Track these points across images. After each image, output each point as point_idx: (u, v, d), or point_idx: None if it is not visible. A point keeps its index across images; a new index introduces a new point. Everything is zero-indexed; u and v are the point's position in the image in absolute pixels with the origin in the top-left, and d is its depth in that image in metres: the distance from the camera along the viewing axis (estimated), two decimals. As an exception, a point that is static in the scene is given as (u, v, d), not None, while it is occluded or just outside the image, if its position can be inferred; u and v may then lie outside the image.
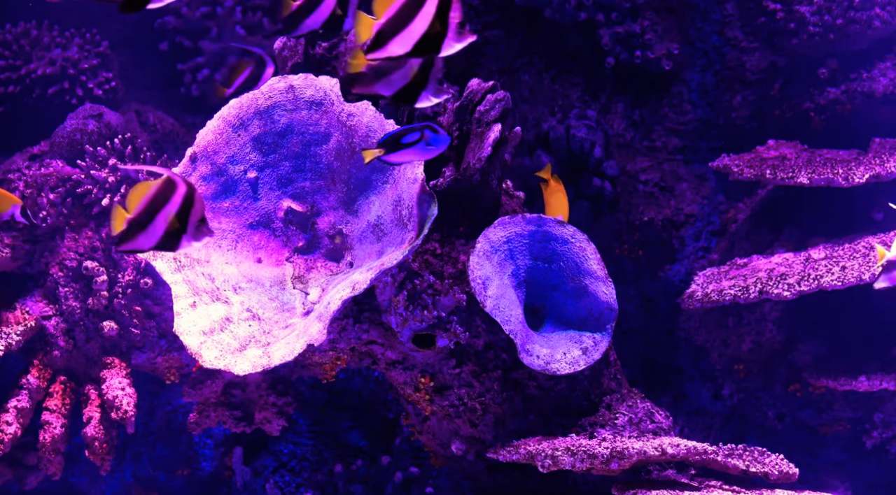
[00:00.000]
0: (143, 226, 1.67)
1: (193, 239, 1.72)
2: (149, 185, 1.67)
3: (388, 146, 1.92)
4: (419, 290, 2.16)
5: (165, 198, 1.67)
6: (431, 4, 1.62)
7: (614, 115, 3.01)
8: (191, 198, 1.68)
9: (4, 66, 2.78)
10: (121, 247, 1.69)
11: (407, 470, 2.53)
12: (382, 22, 1.63)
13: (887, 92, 2.80)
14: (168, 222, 1.68)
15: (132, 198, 1.68)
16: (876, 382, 2.50)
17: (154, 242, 1.69)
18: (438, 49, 1.65)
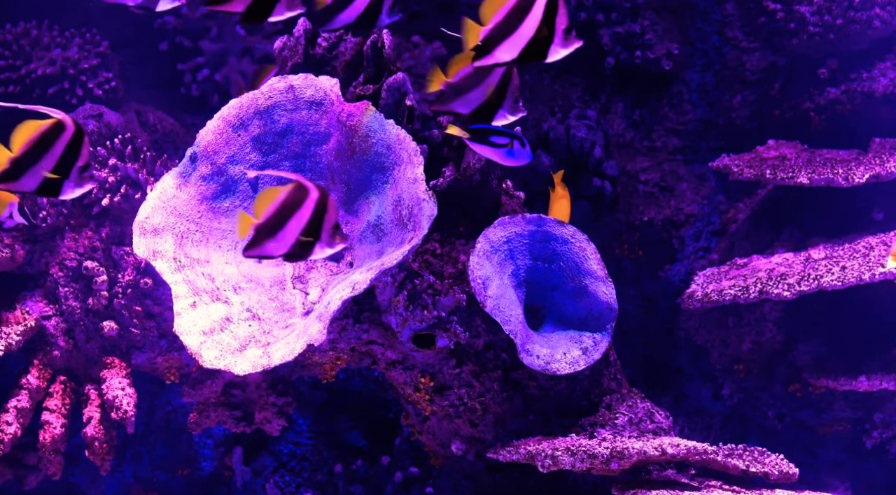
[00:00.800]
0: (272, 233, 1.64)
1: (328, 246, 1.68)
2: (277, 191, 1.64)
3: (476, 135, 1.97)
4: (419, 290, 2.16)
5: (296, 204, 1.64)
6: (538, 10, 1.62)
7: (614, 115, 3.02)
8: (324, 204, 1.64)
9: (4, 66, 2.78)
10: (247, 253, 1.66)
11: (407, 470, 2.53)
12: (489, 28, 1.63)
13: (887, 92, 2.80)
14: (300, 230, 1.65)
15: (260, 203, 1.65)
16: (876, 382, 2.50)
17: (285, 250, 1.66)
18: (545, 55, 1.65)
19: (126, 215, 2.48)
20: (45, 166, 1.67)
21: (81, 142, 1.67)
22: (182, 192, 2.24)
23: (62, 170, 1.68)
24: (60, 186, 1.69)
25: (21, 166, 1.67)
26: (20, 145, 1.66)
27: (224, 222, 2.26)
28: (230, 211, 2.27)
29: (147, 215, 2.20)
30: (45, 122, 1.66)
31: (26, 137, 1.66)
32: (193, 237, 2.23)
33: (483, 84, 1.79)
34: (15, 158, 1.66)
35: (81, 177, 1.70)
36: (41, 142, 1.66)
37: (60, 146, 1.66)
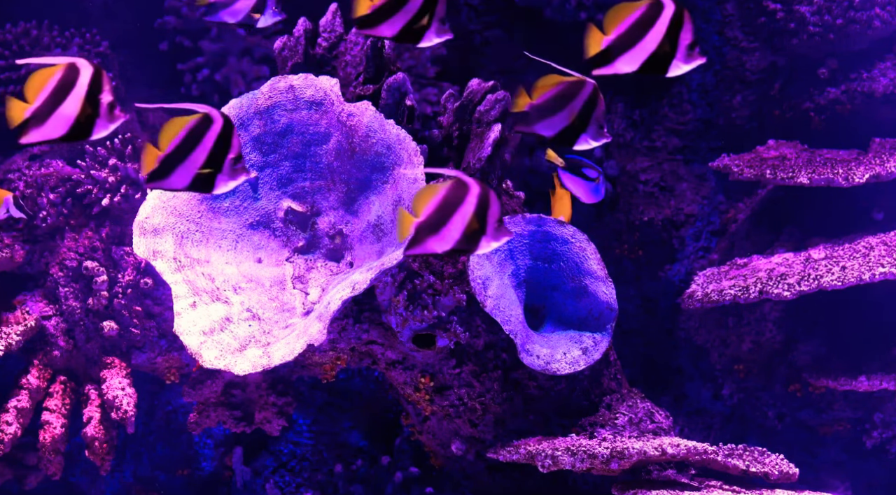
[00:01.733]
0: (434, 229, 1.63)
1: (493, 239, 1.65)
2: (436, 189, 1.61)
3: (571, 166, 2.09)
4: (419, 290, 2.16)
5: (458, 200, 1.62)
6: (663, 23, 1.60)
7: (614, 115, 3.02)
8: (486, 198, 1.62)
9: (4, 66, 2.78)
10: (409, 251, 1.64)
11: (407, 470, 2.53)
12: (612, 37, 1.62)
13: (887, 92, 2.80)
14: (464, 227, 1.63)
15: (420, 200, 1.62)
16: (876, 382, 2.50)
17: (450, 246, 1.64)
18: (665, 69, 1.64)
19: (126, 215, 2.48)
20: (196, 161, 1.63)
21: (231, 134, 1.63)
22: (182, 192, 2.24)
23: (214, 163, 1.64)
24: (214, 180, 1.65)
25: (171, 163, 1.63)
26: (168, 142, 1.63)
27: (224, 222, 2.26)
28: (230, 211, 2.27)
29: (147, 215, 2.20)
30: (191, 117, 1.63)
31: (174, 134, 1.63)
32: (193, 237, 2.23)
33: (567, 107, 1.79)
34: (164, 156, 1.63)
35: (234, 168, 1.65)
36: (190, 137, 1.63)
37: (210, 140, 1.63)
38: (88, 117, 1.62)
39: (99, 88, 1.61)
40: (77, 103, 1.62)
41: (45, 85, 1.63)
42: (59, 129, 1.64)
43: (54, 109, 1.62)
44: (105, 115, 1.63)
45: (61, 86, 1.62)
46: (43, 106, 1.63)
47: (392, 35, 1.73)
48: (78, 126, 1.62)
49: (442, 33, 1.75)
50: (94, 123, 1.63)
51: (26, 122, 1.64)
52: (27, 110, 1.63)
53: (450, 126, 2.29)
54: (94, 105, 1.62)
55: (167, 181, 1.65)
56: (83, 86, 1.61)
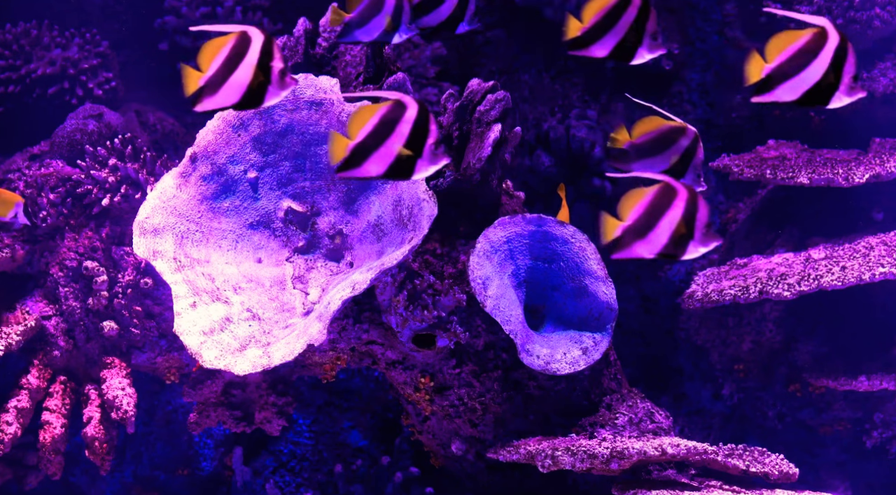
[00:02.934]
0: (640, 234, 1.61)
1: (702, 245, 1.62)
2: (643, 193, 1.60)
3: None
4: (419, 290, 2.16)
5: (666, 204, 1.61)
6: (828, 54, 1.58)
7: (614, 115, 3.02)
8: (695, 202, 1.60)
9: (4, 66, 2.78)
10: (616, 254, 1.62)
11: (407, 470, 2.53)
12: (774, 65, 1.60)
13: (887, 92, 2.80)
14: (673, 229, 1.61)
15: (626, 205, 1.61)
16: (876, 382, 2.50)
17: (656, 251, 1.63)
18: (827, 101, 1.62)
19: (126, 215, 2.48)
20: (392, 147, 1.61)
21: (427, 118, 1.61)
22: (182, 192, 2.24)
23: (413, 148, 1.62)
24: (413, 165, 1.63)
25: (365, 151, 1.61)
26: (358, 130, 1.61)
27: (224, 222, 2.26)
28: (230, 211, 2.27)
29: (147, 215, 2.20)
30: (381, 104, 1.61)
31: (365, 122, 1.61)
32: (193, 237, 2.23)
33: (668, 151, 1.80)
34: (357, 144, 1.61)
35: (435, 153, 1.63)
36: (384, 124, 1.61)
37: (406, 125, 1.61)
38: (260, 84, 1.63)
39: (270, 56, 1.62)
40: (249, 71, 1.63)
41: (217, 53, 1.63)
42: (231, 97, 1.65)
43: (227, 77, 1.63)
44: (276, 82, 1.64)
45: (233, 54, 1.63)
46: (216, 74, 1.64)
47: (604, 55, 1.73)
48: (250, 93, 1.64)
49: (654, 48, 1.74)
50: (265, 90, 1.65)
51: (200, 90, 1.64)
52: (201, 79, 1.64)
53: (450, 126, 2.29)
54: (266, 72, 1.63)
55: (360, 169, 1.63)
56: (255, 53, 1.62)
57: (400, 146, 1.61)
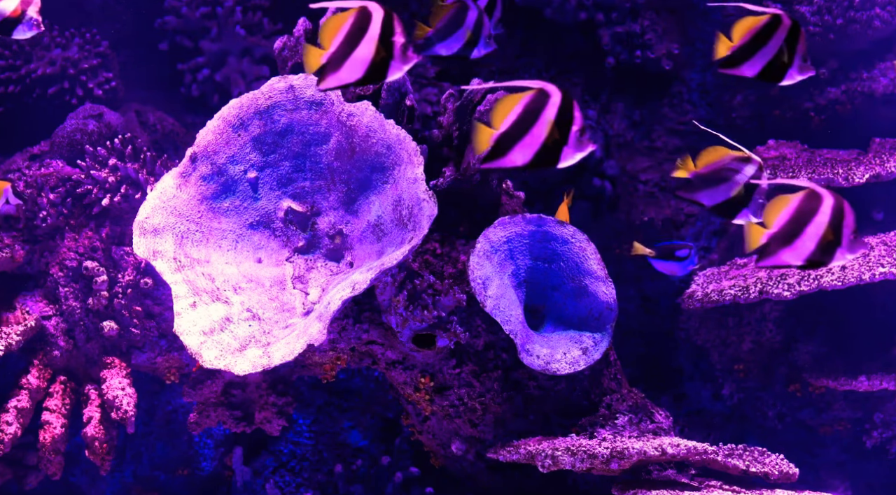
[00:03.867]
0: (787, 242, 1.60)
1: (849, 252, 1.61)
2: (788, 200, 1.59)
3: (661, 252, 2.25)
4: (419, 290, 2.16)
5: (812, 211, 1.59)
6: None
7: (614, 115, 3.01)
8: (841, 210, 1.59)
9: (4, 66, 2.78)
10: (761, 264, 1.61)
11: (407, 470, 2.53)
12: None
13: (887, 92, 2.80)
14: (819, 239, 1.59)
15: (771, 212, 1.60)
16: (876, 382, 2.50)
17: (803, 259, 1.61)
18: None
19: (126, 215, 2.48)
20: (538, 136, 1.60)
21: (571, 106, 1.60)
22: (182, 192, 2.24)
23: (560, 136, 1.61)
24: (560, 153, 1.61)
25: (510, 140, 1.60)
26: (502, 120, 1.60)
27: (224, 222, 2.26)
28: (230, 211, 2.27)
29: (147, 215, 2.20)
30: (523, 93, 1.60)
31: (509, 111, 1.60)
32: (193, 237, 2.23)
33: (732, 181, 1.81)
34: (501, 134, 1.60)
35: (581, 140, 1.62)
36: (528, 112, 1.60)
37: (551, 112, 1.60)
38: (383, 59, 1.62)
39: (391, 30, 1.61)
40: (371, 46, 1.62)
41: (338, 30, 1.63)
42: (355, 73, 1.64)
43: (349, 54, 1.63)
44: (399, 57, 1.63)
45: (354, 30, 1.62)
46: (338, 51, 1.63)
47: (753, 75, 1.75)
48: (373, 68, 1.63)
49: (805, 71, 1.76)
50: (388, 65, 1.64)
51: (323, 67, 1.64)
52: (323, 56, 1.63)
53: (450, 126, 2.29)
54: (388, 47, 1.61)
55: (505, 159, 1.62)
56: (376, 28, 1.62)
57: (546, 134, 1.60)
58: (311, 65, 1.65)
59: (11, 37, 2.10)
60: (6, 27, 2.07)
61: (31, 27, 2.10)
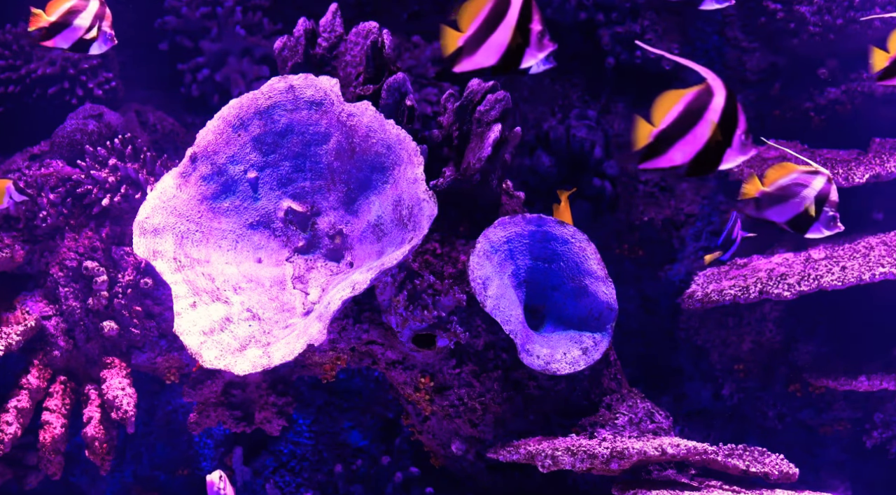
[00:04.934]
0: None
1: None
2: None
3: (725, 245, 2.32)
4: (419, 290, 2.16)
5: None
6: None
7: (614, 115, 3.02)
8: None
9: (4, 66, 2.78)
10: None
11: (407, 470, 2.53)
12: None
13: (887, 92, 2.80)
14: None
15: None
16: (876, 382, 2.50)
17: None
18: None
19: (126, 215, 2.48)
20: (701, 135, 1.53)
21: (736, 106, 1.53)
22: (182, 192, 2.24)
23: (723, 137, 1.54)
24: (721, 155, 1.54)
25: (669, 139, 1.54)
26: (662, 117, 1.53)
27: (224, 222, 2.26)
28: (230, 211, 2.27)
29: (147, 215, 2.20)
30: (689, 89, 1.53)
31: (671, 107, 1.53)
32: (193, 237, 2.23)
33: (801, 196, 1.80)
34: (661, 131, 1.54)
35: (745, 144, 1.56)
36: (690, 111, 1.53)
37: (715, 113, 1.52)
38: (519, 46, 1.61)
39: (529, 17, 1.58)
40: (508, 32, 1.60)
41: (477, 14, 1.61)
42: (490, 58, 1.62)
43: (486, 38, 1.61)
44: (535, 44, 1.61)
45: (493, 14, 1.60)
46: (475, 34, 1.61)
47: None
48: (509, 54, 1.61)
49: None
50: (523, 52, 1.62)
51: (459, 50, 1.62)
52: (460, 39, 1.62)
53: (450, 126, 2.29)
54: (525, 34, 1.59)
55: (663, 158, 1.57)
56: (514, 14, 1.60)
57: (708, 135, 1.54)
58: (448, 47, 1.63)
59: (88, 53, 2.11)
60: (83, 45, 2.09)
61: (107, 42, 2.12)
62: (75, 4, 2.06)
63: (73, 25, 2.05)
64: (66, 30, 2.05)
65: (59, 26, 2.05)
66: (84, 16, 2.05)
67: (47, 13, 2.07)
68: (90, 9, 2.06)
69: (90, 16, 2.05)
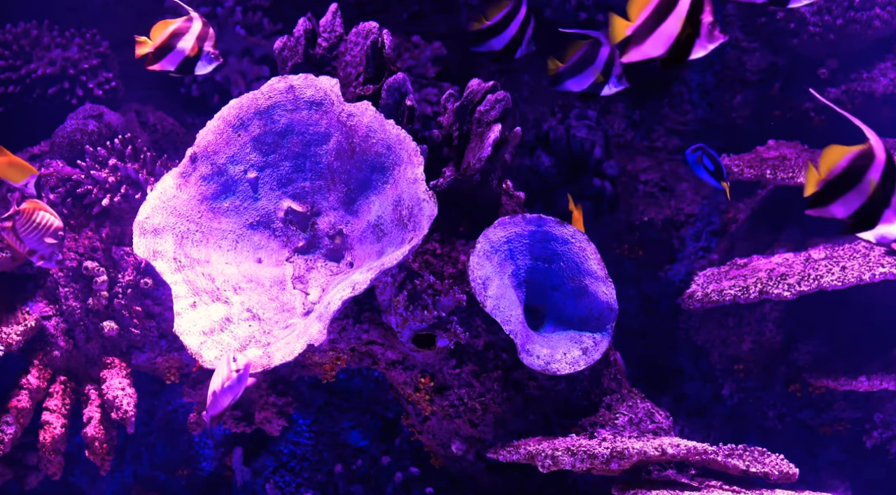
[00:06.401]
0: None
1: None
2: None
3: None
4: (419, 290, 2.16)
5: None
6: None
7: (614, 115, 3.02)
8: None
9: (4, 66, 2.78)
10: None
11: (407, 470, 2.53)
12: None
13: (887, 92, 2.80)
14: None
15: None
16: (876, 382, 2.50)
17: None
18: None
19: (126, 215, 2.48)
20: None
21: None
22: (182, 192, 2.24)
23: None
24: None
25: (833, 193, 1.56)
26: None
27: (224, 222, 2.26)
28: (230, 211, 2.27)
29: (147, 215, 2.20)
30: (853, 148, 1.55)
31: (834, 163, 1.56)
32: (193, 237, 2.23)
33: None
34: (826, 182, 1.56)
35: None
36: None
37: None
38: (689, 37, 1.61)
39: (700, 8, 1.59)
40: (678, 22, 1.61)
41: (647, 3, 1.61)
42: (658, 48, 1.62)
43: (655, 28, 1.61)
44: (705, 36, 1.61)
45: (663, 4, 1.60)
46: (644, 24, 1.62)
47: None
48: (677, 45, 1.61)
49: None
50: (693, 43, 1.62)
51: (627, 39, 1.63)
52: (628, 28, 1.62)
53: (450, 126, 2.29)
54: (695, 25, 1.59)
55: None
56: (685, 5, 1.60)
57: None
58: (616, 35, 1.64)
59: (194, 73, 2.16)
60: (188, 65, 2.14)
61: (211, 61, 2.17)
62: (179, 27, 2.13)
63: (177, 48, 2.13)
64: (171, 53, 2.13)
65: (163, 50, 2.12)
66: (187, 38, 2.12)
67: (152, 37, 2.15)
68: (193, 30, 2.13)
69: (193, 37, 2.11)
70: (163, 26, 2.15)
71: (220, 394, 1.91)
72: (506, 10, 2.22)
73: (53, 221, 2.16)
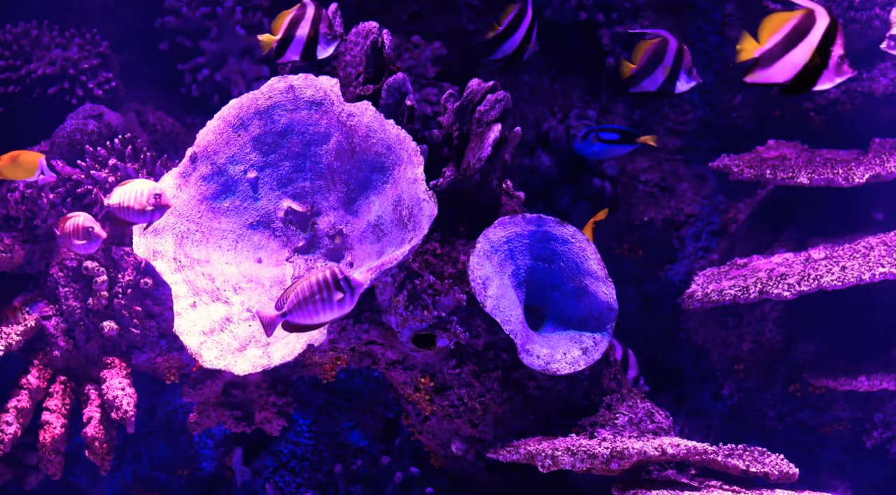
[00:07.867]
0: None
1: None
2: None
3: None
4: (419, 290, 2.16)
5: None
6: None
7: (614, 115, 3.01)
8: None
9: (4, 66, 2.78)
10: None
11: (407, 470, 2.53)
12: None
13: (887, 92, 2.80)
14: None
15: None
16: (876, 382, 2.50)
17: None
18: None
19: (126, 215, 2.47)
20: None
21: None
22: (182, 192, 2.24)
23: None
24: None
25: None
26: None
27: (224, 222, 2.26)
28: (230, 211, 2.27)
29: (147, 215, 2.20)
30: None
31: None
32: (193, 237, 2.23)
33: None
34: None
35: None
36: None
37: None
38: (816, 67, 1.60)
39: (832, 40, 1.58)
40: (807, 51, 1.60)
41: (779, 28, 1.61)
42: (784, 74, 1.62)
43: (784, 54, 1.61)
44: (833, 68, 1.61)
45: (795, 32, 1.60)
46: (773, 48, 1.62)
47: None
48: (804, 74, 1.61)
49: None
50: (819, 74, 1.61)
51: (755, 61, 1.63)
52: (757, 50, 1.62)
53: (450, 126, 2.29)
54: (824, 56, 1.59)
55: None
56: (817, 35, 1.59)
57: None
58: (743, 55, 1.64)
59: (317, 58, 2.19)
60: (310, 51, 2.17)
61: (329, 43, 2.21)
62: (295, 15, 2.16)
63: (297, 37, 2.16)
64: (292, 43, 2.16)
65: (285, 42, 2.16)
66: (304, 25, 2.15)
67: (273, 31, 2.17)
68: (307, 16, 2.15)
69: (308, 23, 2.14)
70: (281, 17, 2.18)
71: None
72: (513, 15, 2.29)
73: None
